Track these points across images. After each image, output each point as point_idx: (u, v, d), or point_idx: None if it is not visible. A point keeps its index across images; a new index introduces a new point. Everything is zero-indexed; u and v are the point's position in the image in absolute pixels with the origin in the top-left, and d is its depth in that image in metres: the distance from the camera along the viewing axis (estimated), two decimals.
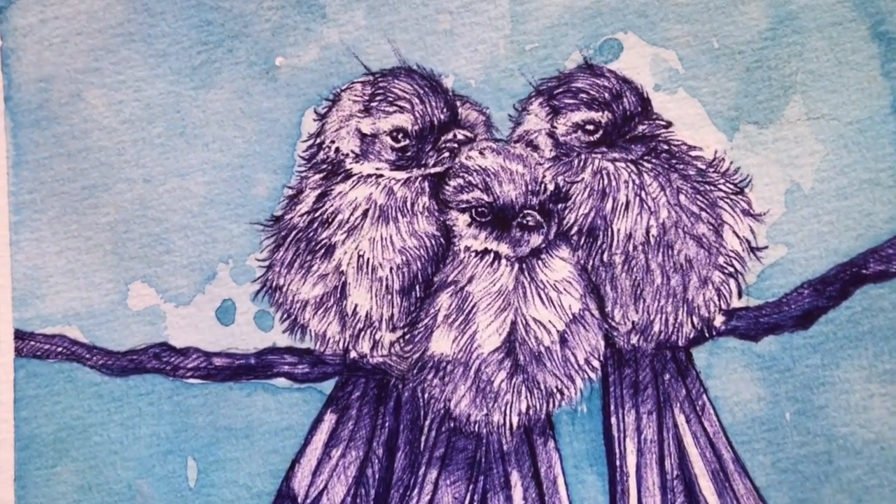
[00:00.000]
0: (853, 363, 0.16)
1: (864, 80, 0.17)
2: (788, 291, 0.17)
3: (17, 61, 0.18)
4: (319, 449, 0.17)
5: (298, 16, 0.18)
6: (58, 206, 0.18)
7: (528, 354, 0.17)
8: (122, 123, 0.18)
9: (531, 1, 0.17)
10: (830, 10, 0.17)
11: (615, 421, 0.17)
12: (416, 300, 0.18)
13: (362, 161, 0.18)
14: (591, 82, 0.17)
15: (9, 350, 0.18)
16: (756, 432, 0.16)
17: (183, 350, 0.18)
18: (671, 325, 0.17)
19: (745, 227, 0.17)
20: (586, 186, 0.18)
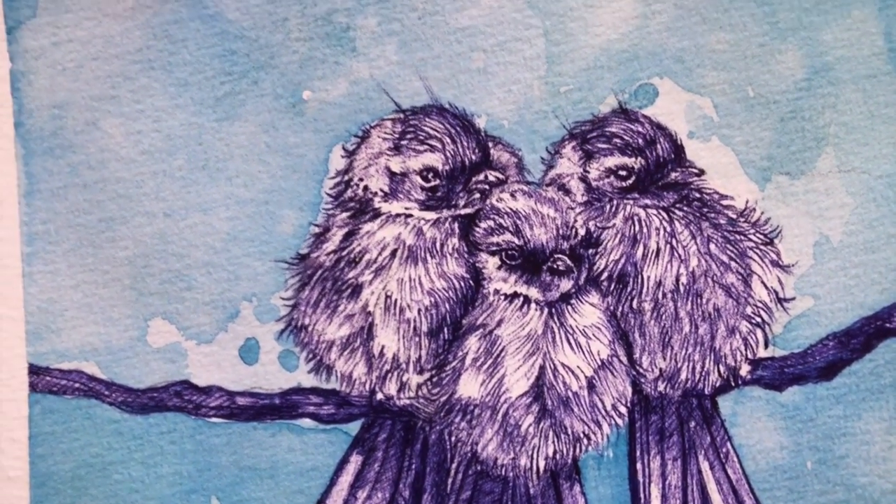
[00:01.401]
0: (874, 415, 0.17)
1: (891, 138, 0.17)
2: (814, 343, 0.18)
3: (28, 85, 0.18)
4: (345, 490, 0.18)
5: (327, 48, 0.17)
6: (73, 238, 0.18)
7: (556, 399, 0.18)
8: (141, 154, 0.18)
9: (567, 42, 0.17)
10: (866, 62, 0.17)
11: (640, 467, 0.17)
12: (444, 342, 0.18)
13: (391, 200, 0.18)
14: (626, 127, 0.18)
15: (23, 385, 0.18)
16: (778, 480, 0.17)
17: (205, 389, 0.18)
18: (698, 373, 0.17)
19: (773, 277, 0.17)
20: (617, 232, 0.18)
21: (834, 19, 0.18)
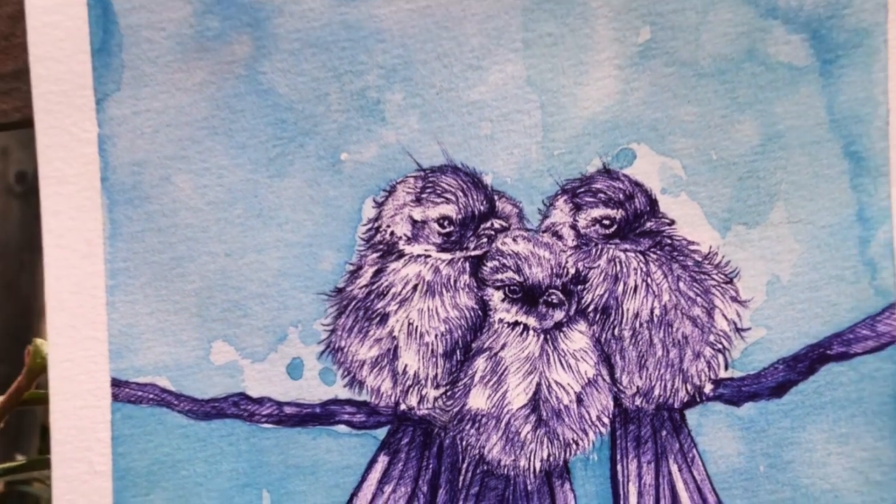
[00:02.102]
0: (816, 427, 0.20)
1: (835, 191, 0.20)
2: (766, 366, 0.20)
3: (112, 147, 0.21)
4: (374, 485, 0.21)
5: (361, 118, 0.21)
6: (149, 274, 0.21)
7: (550, 411, 0.21)
8: (206, 205, 0.21)
9: (560, 114, 0.20)
10: (811, 130, 0.20)
11: (620, 468, 0.20)
12: (457, 363, 0.21)
13: (413, 243, 0.21)
14: (609, 184, 0.21)
15: (106, 395, 0.21)
16: (735, 481, 0.20)
17: (258, 399, 0.21)
18: (669, 390, 0.20)
19: (732, 311, 0.20)
20: (601, 272, 0.21)
21: (784, 95, 0.21)
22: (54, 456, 0.22)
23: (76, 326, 0.21)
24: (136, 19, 0.21)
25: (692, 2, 0.20)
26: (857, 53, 0.20)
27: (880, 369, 0.20)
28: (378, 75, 0.21)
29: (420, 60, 0.21)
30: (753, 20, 0.20)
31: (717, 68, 0.20)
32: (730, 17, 0.20)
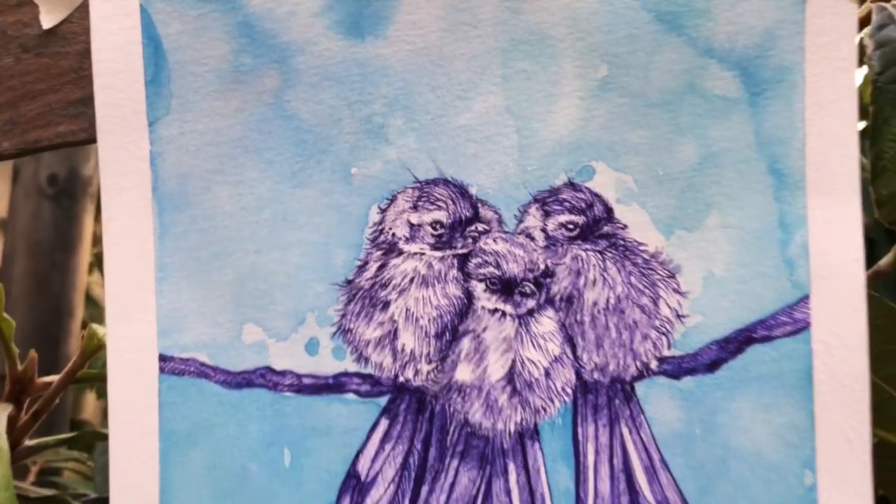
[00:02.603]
0: (743, 397, 0.24)
1: (761, 201, 0.24)
2: (702, 346, 0.24)
3: (162, 162, 0.25)
4: (376, 444, 0.25)
5: (368, 139, 0.25)
6: (191, 267, 0.25)
7: (523, 383, 0.25)
8: (239, 210, 0.25)
9: (532, 137, 0.24)
10: (741, 151, 0.24)
11: (580, 430, 0.24)
12: (446, 342, 0.25)
13: (410, 243, 0.25)
14: (573, 195, 0.25)
15: (155, 369, 0.25)
16: (676, 442, 0.24)
17: (281, 372, 0.25)
18: (621, 366, 0.24)
19: (674, 300, 0.24)
20: (566, 267, 0.25)
21: (719, 121, 0.25)
22: (111, 421, 0.26)
23: (130, 311, 0.25)
24: (182, 56, 0.25)
25: (642, 45, 0.24)
26: (779, 87, 0.24)
27: (796, 350, 0.24)
28: (382, 104, 0.25)
29: (417, 92, 0.25)
30: (693, 59, 0.24)
31: (662, 99, 0.24)
32: (674, 57, 0.24)
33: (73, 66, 0.26)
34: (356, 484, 0.24)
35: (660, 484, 0.24)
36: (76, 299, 1.08)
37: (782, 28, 0.24)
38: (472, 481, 0.24)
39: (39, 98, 0.25)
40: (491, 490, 0.24)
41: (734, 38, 0.24)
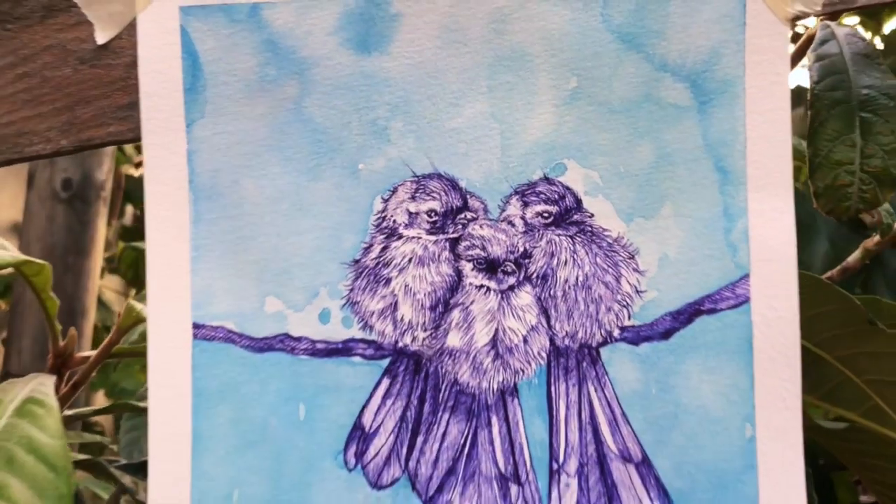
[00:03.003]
0: (692, 361, 0.28)
1: (708, 194, 0.28)
2: (657, 318, 0.28)
3: (197, 158, 0.29)
4: (379, 400, 0.29)
5: (373, 140, 0.29)
6: (221, 249, 0.29)
7: (504, 348, 0.29)
8: (263, 200, 0.29)
9: (513, 138, 0.28)
10: (691, 152, 0.28)
11: (553, 389, 0.28)
12: (439, 314, 0.29)
13: (409, 228, 0.29)
14: (548, 188, 0.29)
15: (189, 335, 0.29)
16: (635, 399, 0.28)
17: (298, 338, 0.29)
18: (588, 334, 0.28)
19: (634, 278, 0.28)
20: (542, 249, 0.29)
21: (672, 126, 0.29)
22: (150, 381, 0.30)
23: (168, 286, 0.30)
24: (216, 68, 0.29)
25: (606, 60, 0.28)
26: (723, 98, 0.28)
27: (738, 320, 0.28)
28: (385, 109, 0.29)
29: (415, 99, 0.29)
30: (650, 73, 0.28)
31: (624, 107, 0.28)
32: (633, 71, 0.28)
33: (122, 75, 0.30)
34: (361, 434, 0.28)
35: (621, 435, 0.28)
36: (89, 301, 1.11)
37: (726, 47, 0.28)
38: (461, 432, 0.29)
39: (93, 103, 0.30)
40: (476, 440, 0.28)
41: (685, 56, 0.28)
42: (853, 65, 0.32)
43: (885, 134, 0.30)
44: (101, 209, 1.14)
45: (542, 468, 0.28)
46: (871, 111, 0.31)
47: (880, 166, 0.30)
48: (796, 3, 0.28)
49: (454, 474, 0.28)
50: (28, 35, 0.29)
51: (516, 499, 0.28)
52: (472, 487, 0.28)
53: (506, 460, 0.28)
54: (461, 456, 0.28)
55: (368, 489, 0.28)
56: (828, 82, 0.32)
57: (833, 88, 0.32)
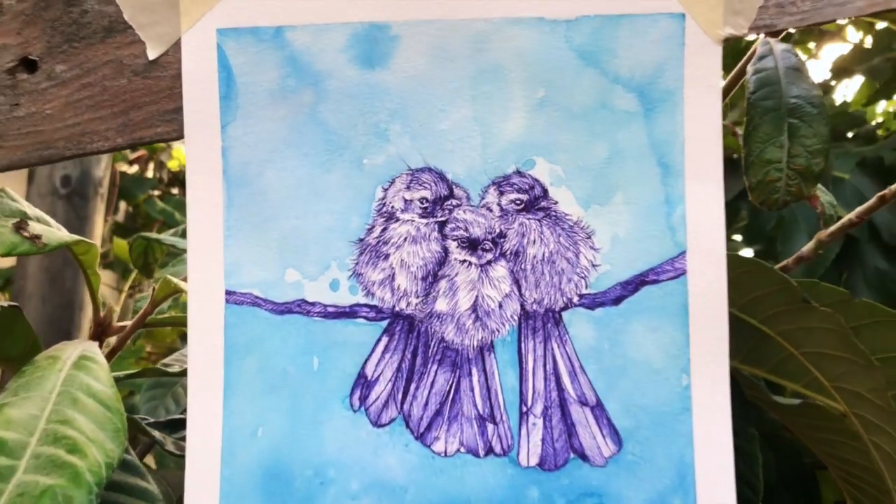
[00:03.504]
0: (639, 323, 0.33)
1: (652, 185, 0.34)
2: (609, 287, 0.33)
3: (230, 153, 0.35)
4: (379, 354, 0.34)
5: (375, 139, 0.35)
6: (249, 228, 0.35)
7: (483, 312, 0.35)
8: (284, 188, 0.35)
9: (492, 138, 0.34)
10: (639, 150, 0.34)
11: (523, 346, 0.34)
12: (429, 283, 0.34)
13: (404, 213, 0.35)
14: (520, 180, 0.34)
15: (222, 299, 0.35)
16: (591, 353, 0.33)
17: (312, 303, 0.34)
18: (552, 300, 0.34)
19: (590, 255, 0.34)
20: (515, 231, 0.34)
21: (623, 128, 0.34)
22: (190, 338, 0.35)
23: (205, 259, 0.35)
24: (246, 79, 0.35)
25: (568, 74, 0.34)
26: (666, 105, 0.34)
27: (676, 289, 0.33)
28: (386, 114, 0.35)
29: (410, 106, 0.35)
30: (605, 84, 0.34)
31: (583, 113, 0.34)
32: (591, 82, 0.34)
33: (168, 85, 0.35)
34: (364, 382, 0.34)
35: (579, 383, 0.34)
36: (87, 295, 1.17)
37: (668, 63, 0.34)
38: (447, 381, 0.34)
39: (144, 108, 0.35)
40: (459, 387, 0.34)
41: (634, 70, 0.34)
42: (785, 77, 0.38)
43: (809, 137, 0.36)
44: (99, 205, 1.19)
45: (513, 410, 0.34)
46: (797, 117, 0.37)
47: (804, 164, 0.36)
48: (726, 27, 0.34)
49: (441, 415, 0.34)
50: (91, 52, 0.35)
51: (492, 436, 0.34)
52: (455, 426, 0.34)
53: (483, 404, 0.34)
54: (447, 400, 0.34)
55: (370, 427, 0.34)
56: (762, 92, 0.37)
57: (766, 98, 0.37)
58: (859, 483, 0.56)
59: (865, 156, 1.12)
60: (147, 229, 1.56)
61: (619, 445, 0.33)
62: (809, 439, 0.59)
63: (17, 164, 0.34)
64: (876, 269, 1.11)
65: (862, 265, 1.08)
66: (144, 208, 1.60)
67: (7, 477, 0.30)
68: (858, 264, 1.12)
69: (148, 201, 1.61)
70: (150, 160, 1.76)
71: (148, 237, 0.59)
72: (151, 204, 1.58)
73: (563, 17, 0.34)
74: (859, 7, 0.32)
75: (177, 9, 0.35)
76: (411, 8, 0.34)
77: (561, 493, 0.33)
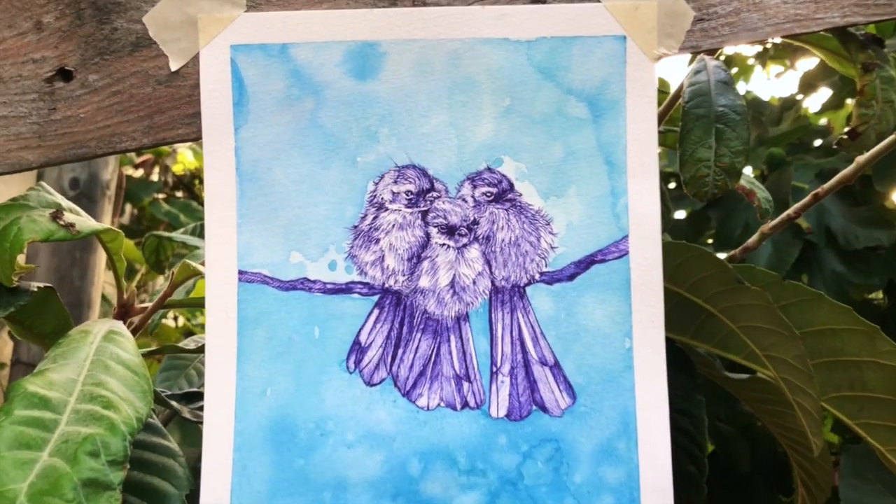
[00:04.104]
0: (590, 296, 0.39)
1: (600, 180, 0.40)
2: (565, 265, 0.40)
3: (242, 152, 0.41)
4: (371, 324, 0.40)
5: (367, 141, 0.41)
6: (258, 217, 0.41)
7: (460, 288, 0.41)
8: (289, 182, 0.41)
9: (466, 140, 0.40)
10: (589, 151, 0.40)
11: (493, 316, 0.40)
12: (414, 264, 0.41)
13: (392, 203, 0.41)
14: (490, 175, 0.41)
15: (235, 278, 0.41)
16: (550, 321, 0.40)
17: (314, 280, 0.40)
18: (518, 277, 0.40)
19: (549, 239, 0.40)
20: (486, 219, 0.41)
21: (576, 133, 0.41)
22: (208, 311, 0.41)
23: (221, 243, 0.41)
24: (256, 89, 0.41)
25: (530, 86, 0.40)
26: (611, 113, 0.40)
27: (621, 267, 0.40)
28: (376, 119, 0.41)
29: (397, 112, 0.41)
30: (560, 95, 0.41)
31: (542, 119, 0.41)
32: (548, 94, 0.41)
33: (188, 93, 0.41)
34: (358, 348, 0.40)
35: (540, 346, 0.40)
36: (94, 294, 1.21)
37: (612, 77, 0.40)
38: (429, 346, 0.40)
39: (167, 112, 0.41)
40: (440, 351, 0.40)
41: (584, 83, 0.40)
42: (715, 89, 0.44)
43: (733, 140, 0.43)
44: (107, 207, 1.23)
45: (485, 370, 0.40)
46: (723, 123, 0.43)
47: (728, 163, 0.43)
48: (660, 48, 0.40)
49: (424, 376, 0.40)
50: (120, 64, 0.41)
51: (467, 392, 0.40)
52: (436, 384, 0.40)
53: (460, 365, 0.40)
54: (429, 363, 0.40)
55: (363, 386, 0.40)
56: (695, 102, 0.44)
57: (698, 106, 0.44)
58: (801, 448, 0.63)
59: (823, 167, 1.21)
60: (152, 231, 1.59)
61: (573, 399, 0.39)
62: (760, 411, 0.66)
63: (54, 161, 0.39)
64: (833, 272, 1.19)
65: (820, 269, 1.16)
66: (149, 210, 1.64)
67: (52, 428, 0.35)
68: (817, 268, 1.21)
69: (153, 204, 1.64)
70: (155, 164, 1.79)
71: (160, 235, 0.64)
72: (156, 206, 1.62)
73: (525, 38, 0.40)
74: (768, 32, 0.39)
75: (195, 27, 0.40)
76: (397, 29, 0.40)
77: (525, 440, 0.39)
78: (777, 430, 0.65)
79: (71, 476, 0.30)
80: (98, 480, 0.31)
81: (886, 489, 0.81)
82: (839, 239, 1.10)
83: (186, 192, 1.95)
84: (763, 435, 1.04)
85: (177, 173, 1.86)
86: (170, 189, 1.83)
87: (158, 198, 1.71)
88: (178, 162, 1.88)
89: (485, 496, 0.38)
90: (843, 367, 0.51)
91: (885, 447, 0.50)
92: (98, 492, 0.30)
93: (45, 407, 0.36)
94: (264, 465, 0.38)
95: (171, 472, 0.40)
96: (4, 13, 0.38)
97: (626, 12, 0.39)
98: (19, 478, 0.30)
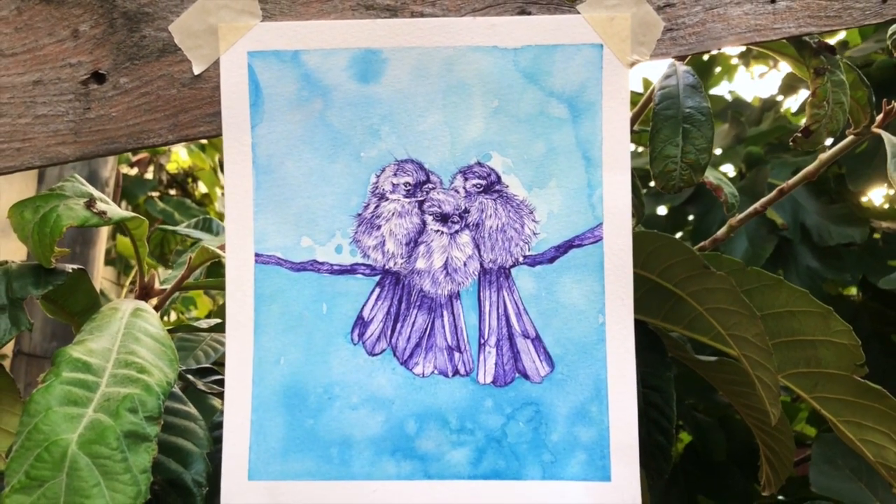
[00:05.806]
0: (568, 277, 0.44)
1: (578, 173, 0.45)
2: (545, 250, 0.44)
3: (257, 148, 0.45)
4: (373, 301, 0.44)
5: (370, 138, 0.45)
6: (272, 206, 0.45)
7: (452, 269, 0.45)
8: (300, 175, 0.45)
9: (458, 137, 0.45)
10: (568, 147, 0.44)
11: (482, 294, 0.44)
12: (411, 248, 0.45)
13: (392, 194, 0.45)
14: (480, 169, 0.45)
15: (251, 260, 0.45)
16: (532, 299, 0.44)
17: (322, 262, 0.45)
18: (504, 260, 0.45)
19: (532, 226, 0.45)
20: (476, 208, 0.45)
21: (557, 131, 0.45)
22: (227, 290, 0.45)
23: (239, 229, 0.46)
24: (270, 91, 0.45)
25: (516, 89, 0.45)
26: (588, 113, 0.45)
27: (595, 251, 0.44)
28: (378, 118, 0.45)
29: (397, 112, 0.45)
30: (543, 98, 0.45)
31: (527, 119, 0.45)
32: (533, 96, 0.45)
33: (209, 94, 0.45)
34: (362, 322, 0.45)
35: (523, 321, 0.45)
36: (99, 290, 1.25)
37: (590, 81, 0.45)
38: (425, 321, 0.45)
39: (190, 111, 0.45)
40: (434, 325, 0.45)
41: (564, 87, 0.45)
42: (683, 92, 0.49)
43: (698, 138, 0.47)
44: None
45: (474, 343, 0.45)
46: (690, 123, 0.48)
47: (693, 159, 0.47)
48: (633, 55, 0.45)
49: (420, 347, 0.45)
50: (148, 67, 0.45)
51: (458, 361, 0.45)
52: (430, 354, 0.45)
53: (452, 338, 0.45)
54: (425, 335, 0.45)
55: (366, 356, 0.45)
56: (664, 104, 0.49)
57: (667, 108, 0.48)
58: (765, 426, 0.67)
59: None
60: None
61: (551, 367, 0.44)
62: (728, 392, 0.71)
63: (88, 155, 0.43)
64: (807, 267, 1.24)
65: (795, 264, 1.21)
66: (145, 208, 1.68)
67: (94, 389, 0.40)
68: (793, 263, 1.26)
69: (148, 201, 1.68)
70: (150, 163, 1.83)
71: (164, 229, 0.68)
72: (151, 204, 1.66)
73: (512, 46, 0.44)
74: (731, 41, 0.44)
75: (216, 35, 0.45)
76: (397, 38, 0.45)
77: (508, 403, 0.44)
78: (744, 410, 0.70)
79: (114, 428, 0.34)
80: (137, 433, 0.35)
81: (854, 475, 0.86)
82: (813, 235, 1.14)
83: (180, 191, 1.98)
84: (739, 426, 1.09)
85: (171, 172, 1.89)
86: (164, 187, 1.87)
87: (153, 196, 1.75)
88: (173, 160, 1.92)
89: (473, 452, 0.42)
90: (800, 346, 0.55)
91: (837, 418, 0.55)
92: (137, 442, 0.35)
93: (88, 371, 0.40)
94: (279, 424, 0.43)
95: (192, 434, 0.45)
96: (45, 23, 0.42)
97: (603, 23, 0.43)
98: (70, 429, 0.34)
